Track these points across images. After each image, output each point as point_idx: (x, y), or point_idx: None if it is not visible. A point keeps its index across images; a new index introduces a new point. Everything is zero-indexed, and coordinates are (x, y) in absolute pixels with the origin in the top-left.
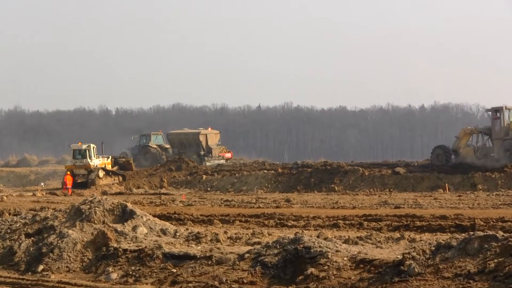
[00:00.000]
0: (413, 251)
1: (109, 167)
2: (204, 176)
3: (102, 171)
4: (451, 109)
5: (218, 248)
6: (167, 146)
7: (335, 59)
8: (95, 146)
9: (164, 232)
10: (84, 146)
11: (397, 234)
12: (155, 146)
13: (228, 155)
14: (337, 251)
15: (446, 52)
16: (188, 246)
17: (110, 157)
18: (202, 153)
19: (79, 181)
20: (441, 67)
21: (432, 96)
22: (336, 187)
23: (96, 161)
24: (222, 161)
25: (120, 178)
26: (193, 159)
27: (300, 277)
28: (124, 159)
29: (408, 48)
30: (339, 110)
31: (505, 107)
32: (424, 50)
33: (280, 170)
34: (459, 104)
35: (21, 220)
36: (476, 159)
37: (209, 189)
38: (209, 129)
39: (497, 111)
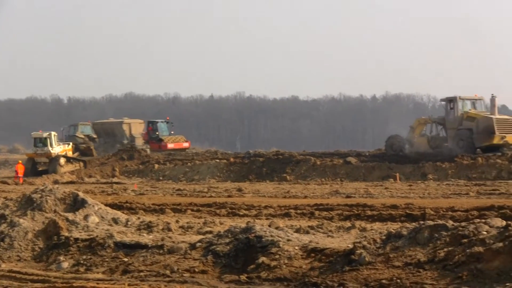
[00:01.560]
0: (364, 240)
1: (70, 153)
2: (156, 166)
3: (63, 159)
4: (403, 99)
5: (169, 237)
6: (95, 136)
7: (286, 48)
8: (56, 134)
9: (115, 221)
10: (45, 134)
11: (348, 224)
12: (82, 136)
13: (186, 144)
14: (288, 240)
15: (397, 43)
16: (139, 235)
17: (71, 143)
18: (125, 142)
19: (40, 169)
20: (393, 57)
21: (384, 87)
22: (287, 177)
23: (57, 149)
24: (148, 150)
25: (81, 164)
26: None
27: (252, 266)
28: (84, 145)
29: (360, 37)
30: (292, 100)
31: (459, 97)
32: (375, 38)
33: (232, 159)
34: (410, 94)
35: None
36: (430, 148)
37: (161, 178)
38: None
39: (451, 101)
